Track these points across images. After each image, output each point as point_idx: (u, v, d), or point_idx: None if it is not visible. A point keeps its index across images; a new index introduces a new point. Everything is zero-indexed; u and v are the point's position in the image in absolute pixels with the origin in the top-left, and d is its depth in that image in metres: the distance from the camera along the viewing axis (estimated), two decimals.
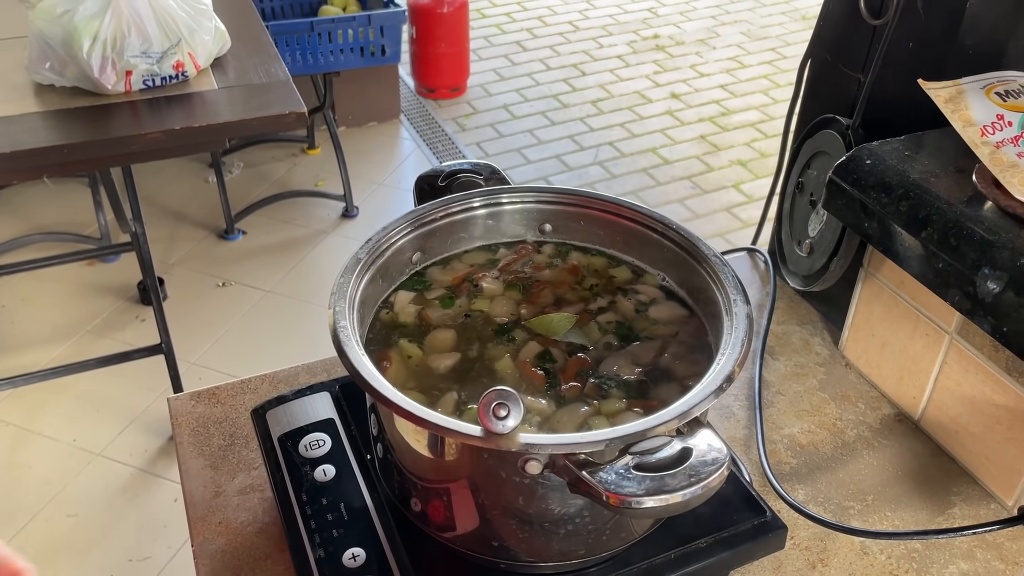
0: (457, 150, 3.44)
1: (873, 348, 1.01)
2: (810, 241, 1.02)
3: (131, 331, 2.55)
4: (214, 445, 0.93)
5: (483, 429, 0.59)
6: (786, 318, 1.12)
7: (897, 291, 0.96)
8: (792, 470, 0.93)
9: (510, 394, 0.59)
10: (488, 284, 0.82)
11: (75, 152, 1.60)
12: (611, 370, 0.73)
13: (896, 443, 0.96)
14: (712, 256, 0.77)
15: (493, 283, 0.82)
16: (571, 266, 0.84)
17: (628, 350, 0.75)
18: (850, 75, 1.00)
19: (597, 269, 0.84)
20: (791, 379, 1.04)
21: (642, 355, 0.75)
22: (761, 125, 3.62)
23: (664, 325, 0.78)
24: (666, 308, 0.80)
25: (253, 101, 1.73)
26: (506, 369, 0.74)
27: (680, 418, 0.62)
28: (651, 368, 0.74)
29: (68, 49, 1.63)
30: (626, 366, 0.74)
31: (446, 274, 0.83)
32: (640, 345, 0.76)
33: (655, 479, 0.58)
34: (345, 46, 2.68)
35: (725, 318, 0.72)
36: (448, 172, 0.88)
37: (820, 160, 1.02)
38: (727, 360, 0.67)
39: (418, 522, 0.75)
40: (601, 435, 0.60)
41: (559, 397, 0.71)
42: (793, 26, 4.50)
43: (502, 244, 0.86)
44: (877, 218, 0.79)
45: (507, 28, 4.48)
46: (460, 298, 0.81)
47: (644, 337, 0.77)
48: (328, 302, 0.71)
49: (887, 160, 0.81)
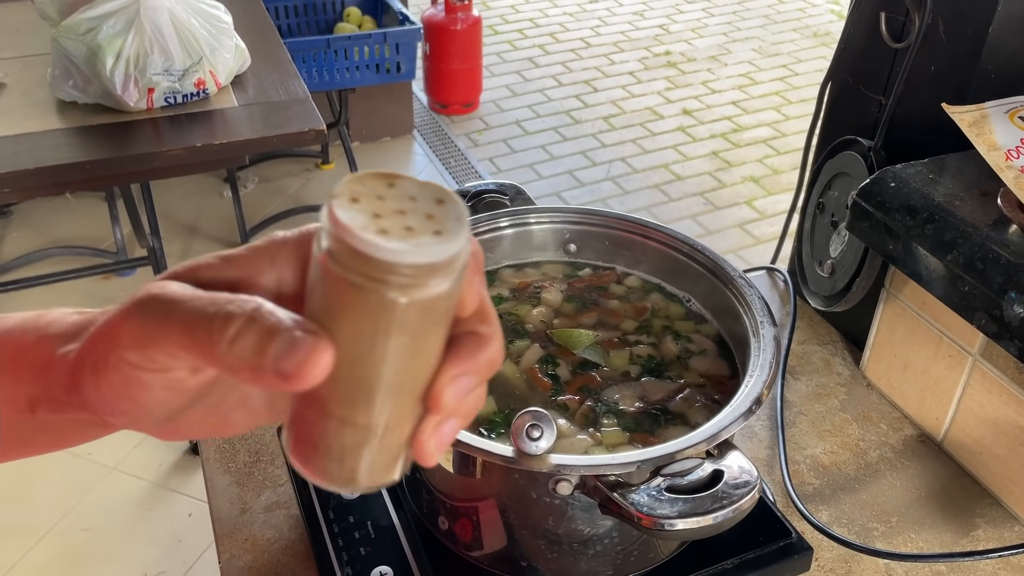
0: (470, 166, 3.45)
1: (895, 369, 1.02)
2: (831, 261, 1.02)
3: None
4: (240, 462, 0.94)
5: (515, 450, 0.60)
6: (806, 338, 1.13)
7: (919, 312, 0.96)
8: (815, 491, 0.93)
9: (543, 415, 0.59)
10: (548, 295, 0.82)
11: (98, 168, 1.62)
12: (613, 397, 0.73)
13: (919, 464, 0.96)
14: (738, 278, 0.77)
15: (553, 294, 0.83)
16: (641, 306, 0.83)
17: (641, 383, 0.74)
18: (871, 97, 1.00)
19: (668, 314, 0.83)
20: (812, 399, 1.04)
21: (653, 392, 0.74)
22: (773, 142, 3.62)
23: (698, 375, 0.76)
24: (710, 362, 0.77)
25: (273, 118, 1.75)
26: (513, 372, 0.75)
27: (709, 440, 0.62)
28: (655, 406, 0.72)
29: (91, 67, 1.65)
30: (630, 397, 0.73)
31: (516, 277, 0.86)
32: (656, 382, 0.75)
33: (687, 501, 0.58)
34: (361, 63, 2.71)
35: (752, 339, 0.73)
36: (474, 192, 0.89)
37: (841, 181, 1.02)
38: (755, 382, 0.67)
39: (445, 540, 0.75)
40: (633, 456, 0.61)
41: (561, 408, 0.72)
42: (805, 43, 4.52)
43: (586, 264, 0.87)
44: (902, 240, 0.80)
45: (519, 45, 4.50)
46: (508, 301, 0.82)
47: (667, 377, 0.76)
48: None
49: (911, 183, 0.81)
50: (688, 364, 0.76)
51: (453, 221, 0.31)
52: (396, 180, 0.32)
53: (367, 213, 0.30)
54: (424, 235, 0.30)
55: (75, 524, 2.09)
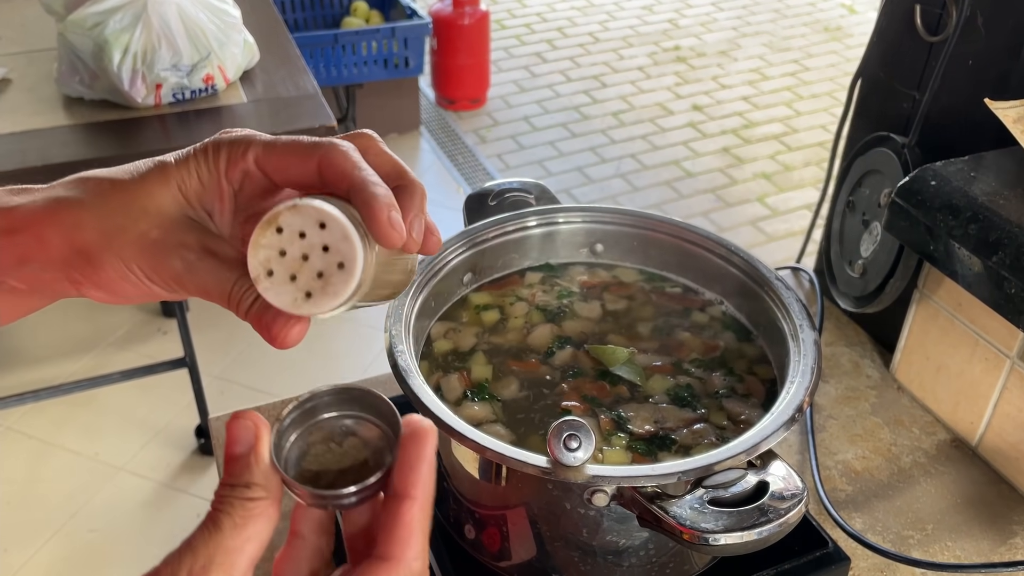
0: (478, 162, 3.42)
1: (927, 372, 0.99)
2: (863, 262, 0.99)
3: (153, 344, 2.54)
4: None
5: (551, 460, 0.57)
6: (834, 339, 1.10)
7: (954, 314, 0.93)
8: (848, 497, 0.90)
9: (581, 425, 0.57)
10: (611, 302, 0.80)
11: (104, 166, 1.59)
12: (627, 414, 0.69)
13: (953, 470, 0.94)
14: (775, 280, 0.75)
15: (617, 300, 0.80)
16: (712, 344, 0.78)
17: (661, 408, 0.70)
18: (904, 92, 0.98)
19: (743, 354, 0.77)
20: (842, 403, 1.01)
21: (670, 418, 0.69)
22: (785, 138, 3.59)
23: (724, 417, 0.70)
24: (746, 407, 0.71)
25: (282, 114, 1.72)
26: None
27: (750, 451, 0.60)
28: (665, 432, 0.68)
29: (98, 62, 1.62)
30: (644, 419, 0.69)
31: (586, 275, 0.84)
32: (676, 410, 0.70)
33: (731, 515, 0.56)
34: (369, 58, 2.68)
35: (791, 344, 0.70)
36: (497, 191, 0.86)
37: (873, 179, 0.99)
38: (797, 389, 0.65)
39: (471, 550, 0.73)
40: (673, 468, 0.58)
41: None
42: (815, 38, 4.48)
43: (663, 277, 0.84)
44: (943, 241, 0.77)
45: (527, 40, 4.47)
46: (572, 296, 0.80)
47: (691, 406, 0.71)
48: (384, 325, 0.69)
49: (952, 181, 0.79)
50: (722, 403, 0.71)
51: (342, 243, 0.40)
52: (276, 225, 0.40)
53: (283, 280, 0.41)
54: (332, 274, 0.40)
55: (82, 525, 2.06)
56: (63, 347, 2.53)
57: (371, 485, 0.38)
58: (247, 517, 0.39)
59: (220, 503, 0.39)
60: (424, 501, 0.40)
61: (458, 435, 0.60)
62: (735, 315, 0.79)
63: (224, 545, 0.38)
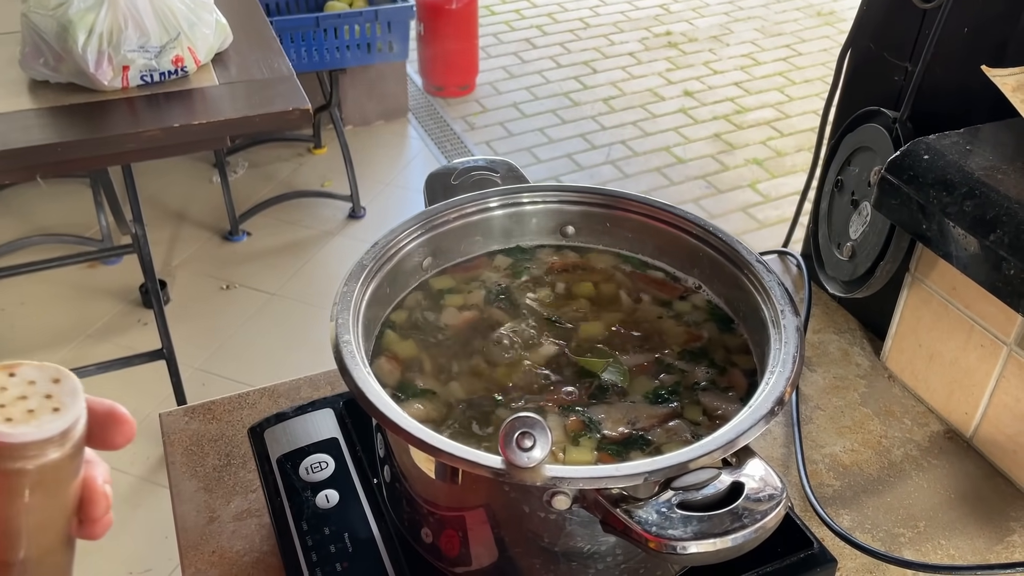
0: (466, 149, 3.37)
1: (920, 359, 0.94)
2: (852, 244, 0.94)
3: (133, 335, 2.48)
4: (208, 465, 0.86)
5: (504, 461, 0.52)
6: (822, 326, 1.05)
7: (948, 298, 0.88)
8: (835, 493, 0.85)
9: (536, 422, 0.51)
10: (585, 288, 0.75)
11: (69, 151, 1.53)
12: (598, 415, 0.64)
13: (947, 463, 0.89)
14: (755, 262, 0.69)
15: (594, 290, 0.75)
16: (696, 333, 0.72)
17: (634, 406, 0.65)
18: (896, 64, 0.92)
19: (725, 345, 0.72)
20: (830, 392, 0.96)
21: (642, 416, 0.64)
22: (777, 123, 3.53)
23: (700, 412, 0.65)
24: (724, 400, 0.66)
25: (255, 97, 1.66)
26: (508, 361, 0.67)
27: (726, 448, 0.55)
28: (638, 432, 0.63)
29: (62, 43, 1.56)
30: (618, 421, 0.63)
31: (557, 258, 0.79)
32: (648, 407, 0.65)
33: (702, 520, 0.51)
34: (352, 42, 2.61)
35: (772, 330, 0.65)
36: (461, 170, 0.81)
37: (862, 156, 0.94)
38: (777, 379, 0.60)
39: (429, 556, 0.68)
40: (639, 468, 0.53)
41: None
42: (808, 22, 4.42)
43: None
44: (936, 219, 0.72)
45: (517, 25, 4.41)
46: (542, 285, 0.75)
47: (666, 401, 0.66)
48: (330, 313, 0.64)
49: (947, 155, 0.73)
50: (698, 397, 0.66)
51: (69, 396, 0.37)
52: (16, 368, 0.38)
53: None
54: (44, 414, 0.37)
55: None
56: (41, 339, 2.48)
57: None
58: None
59: None
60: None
61: (404, 433, 0.55)
62: (715, 301, 0.74)
63: None
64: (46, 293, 2.61)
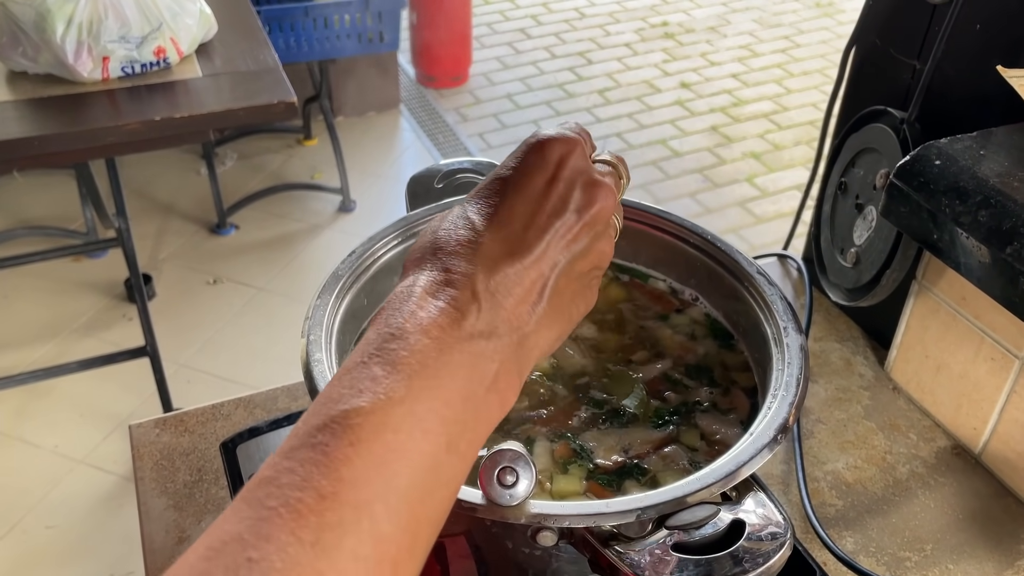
0: (459, 141, 3.32)
1: (926, 371, 0.90)
2: (856, 250, 0.90)
3: (118, 330, 2.43)
4: (179, 481, 0.82)
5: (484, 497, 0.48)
6: (823, 334, 1.01)
7: (957, 308, 0.84)
8: (838, 513, 0.81)
9: (518, 456, 0.47)
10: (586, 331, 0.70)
11: (47, 144, 1.49)
12: (588, 442, 0.59)
13: (954, 481, 0.85)
14: (756, 274, 0.65)
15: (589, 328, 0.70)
16: (689, 346, 0.68)
17: (628, 431, 0.60)
18: (904, 62, 0.88)
19: (723, 361, 0.67)
20: (832, 405, 0.92)
21: (636, 442, 0.59)
22: (775, 116, 3.49)
23: (698, 436, 0.61)
24: (723, 424, 0.61)
25: (240, 90, 1.61)
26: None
27: (725, 481, 0.50)
28: (632, 460, 0.58)
29: (41, 33, 1.51)
30: (610, 448, 0.59)
31: None
32: (643, 430, 0.60)
33: (700, 565, 0.46)
34: (341, 32, 2.56)
35: (774, 348, 0.61)
36: (445, 172, 0.76)
37: (867, 158, 0.90)
38: (780, 404, 0.55)
39: None
40: (631, 503, 0.49)
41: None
42: (807, 13, 4.37)
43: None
44: (949, 229, 0.68)
45: (511, 15, 4.35)
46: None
47: (663, 424, 0.61)
48: (301, 329, 0.60)
49: (960, 160, 0.69)
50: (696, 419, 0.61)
51: None
52: None
53: None
54: None
55: (39, 521, 1.97)
56: (24, 334, 2.43)
57: None
58: None
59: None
60: None
61: None
62: (713, 315, 0.70)
63: None
64: (30, 287, 2.57)
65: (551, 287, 0.43)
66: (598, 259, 0.46)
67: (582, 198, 0.44)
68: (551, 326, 0.43)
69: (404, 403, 0.35)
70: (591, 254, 0.45)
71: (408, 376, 0.36)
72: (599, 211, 0.45)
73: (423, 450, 0.35)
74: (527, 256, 0.42)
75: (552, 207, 0.44)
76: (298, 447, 0.34)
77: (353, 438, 0.34)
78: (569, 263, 0.44)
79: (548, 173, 0.44)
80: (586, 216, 0.44)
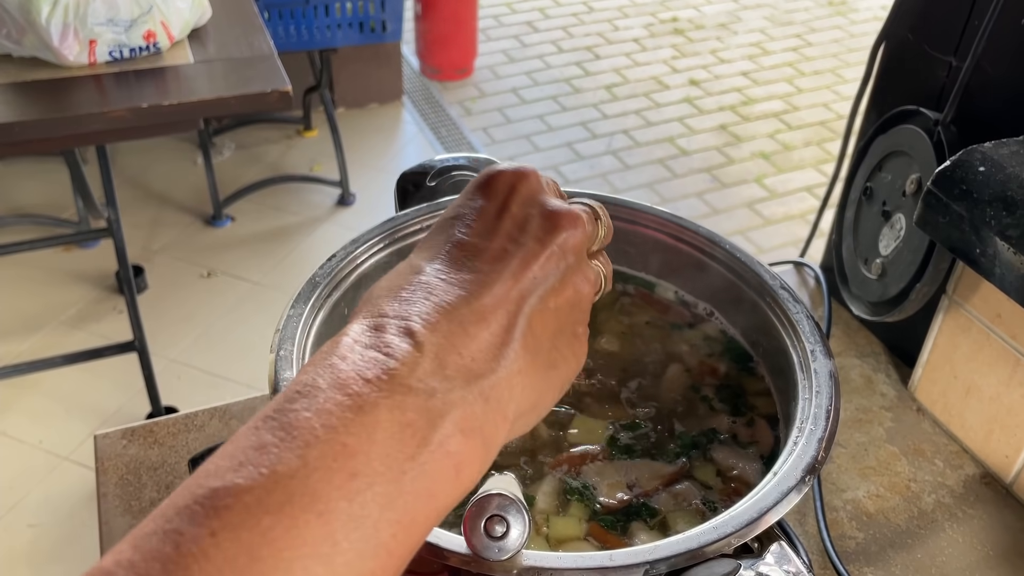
0: (462, 136, 3.25)
1: (954, 392, 0.83)
2: (881, 261, 0.83)
3: (108, 323, 2.37)
4: (145, 499, 0.76)
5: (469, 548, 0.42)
6: (843, 348, 0.94)
7: (991, 326, 0.78)
8: (859, 547, 0.75)
9: (509, 502, 0.41)
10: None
11: (28, 131, 1.42)
12: (590, 479, 0.53)
13: (984, 513, 0.78)
14: (779, 289, 0.59)
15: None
16: (712, 366, 0.62)
17: (635, 464, 0.54)
18: (938, 58, 0.81)
19: (742, 385, 0.61)
20: (852, 427, 0.86)
21: (643, 476, 0.54)
22: (785, 116, 3.42)
23: (714, 472, 0.55)
24: (740, 458, 0.55)
25: (232, 77, 1.55)
26: None
27: (745, 531, 0.44)
28: (639, 499, 0.53)
29: (25, 14, 1.45)
30: (614, 484, 0.53)
31: None
32: (651, 463, 0.54)
33: None
34: (343, 20, 2.49)
35: (799, 375, 0.54)
36: (439, 169, 0.70)
37: (896, 161, 0.83)
38: (808, 440, 0.49)
39: None
40: (637, 556, 0.43)
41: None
42: (819, 11, 4.29)
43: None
44: (991, 243, 0.61)
45: (518, 7, 4.27)
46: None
47: (673, 455, 0.55)
48: (271, 342, 0.53)
49: (1007, 167, 0.62)
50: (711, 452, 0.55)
51: None
52: None
53: None
54: None
55: (21, 519, 1.91)
56: (12, 324, 2.37)
57: None
58: None
59: None
60: None
61: None
62: (730, 332, 0.63)
63: None
64: (19, 276, 2.50)
65: (521, 327, 0.36)
66: (575, 296, 0.39)
67: (542, 225, 0.38)
68: (528, 373, 0.36)
69: (295, 478, 0.27)
70: (565, 289, 0.38)
71: (304, 444, 0.28)
72: (565, 240, 0.38)
73: (315, 538, 0.27)
74: (482, 290, 0.35)
75: (506, 234, 0.38)
76: (150, 533, 0.26)
77: (217, 525, 0.26)
78: (541, 299, 0.37)
79: (498, 202, 0.39)
80: (551, 245, 0.38)
